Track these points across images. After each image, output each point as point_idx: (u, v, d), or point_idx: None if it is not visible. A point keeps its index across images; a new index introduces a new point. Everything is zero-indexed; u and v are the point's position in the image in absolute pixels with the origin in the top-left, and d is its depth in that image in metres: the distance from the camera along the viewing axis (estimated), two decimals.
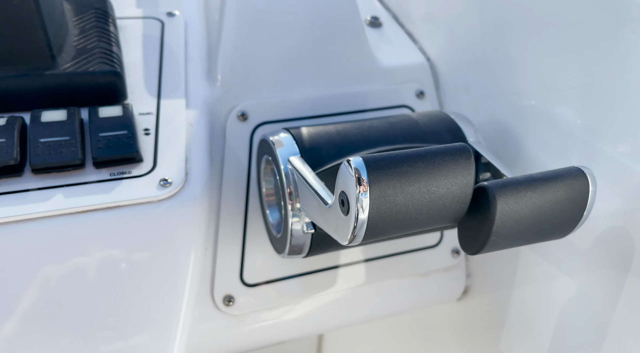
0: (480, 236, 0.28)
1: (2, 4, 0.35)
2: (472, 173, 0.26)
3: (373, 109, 0.49)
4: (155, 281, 0.34)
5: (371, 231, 0.26)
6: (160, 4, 0.52)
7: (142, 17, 0.50)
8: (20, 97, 0.37)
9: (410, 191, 0.25)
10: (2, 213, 0.32)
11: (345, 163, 0.26)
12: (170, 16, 0.51)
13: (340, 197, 0.27)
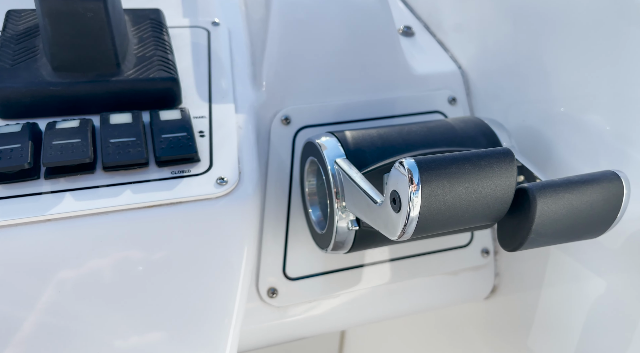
0: (519, 234, 0.30)
1: (77, 17, 0.38)
2: (515, 175, 0.29)
3: (407, 114, 0.51)
4: (212, 272, 0.37)
5: (420, 227, 0.29)
6: (205, 14, 0.56)
7: (189, 26, 0.54)
8: (89, 101, 0.41)
9: (458, 191, 0.28)
10: (78, 207, 0.35)
11: (398, 164, 0.28)
12: (215, 25, 0.54)
13: (392, 195, 0.29)
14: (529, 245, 0.31)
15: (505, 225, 0.31)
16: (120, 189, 0.37)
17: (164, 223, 0.37)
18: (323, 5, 0.50)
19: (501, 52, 0.49)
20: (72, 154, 0.36)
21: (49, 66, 0.40)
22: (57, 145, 0.36)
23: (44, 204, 0.35)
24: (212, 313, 0.37)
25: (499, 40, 0.49)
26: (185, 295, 0.37)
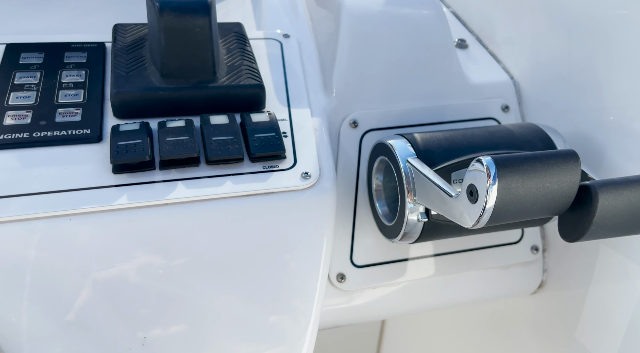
0: (581, 226, 0.34)
1: (187, 32, 0.44)
2: (579, 173, 0.33)
3: (463, 120, 0.56)
4: (298, 253, 0.43)
5: (494, 217, 0.33)
6: (277, 27, 0.62)
7: (264, 38, 0.60)
8: (190, 104, 0.47)
9: (529, 186, 0.32)
10: (187, 194, 0.41)
11: (476, 161, 0.33)
12: (286, 37, 0.60)
13: (469, 189, 0.34)
14: (588, 236, 0.35)
15: (566, 218, 0.36)
16: (222, 180, 0.43)
17: (258, 210, 0.42)
18: (387, 20, 0.56)
19: (554, 63, 0.53)
20: (182, 149, 0.42)
21: (157, 74, 0.47)
22: (170, 141, 0.42)
23: (159, 191, 0.41)
24: (298, 289, 0.42)
25: (553, 53, 0.53)
26: (275, 271, 0.42)
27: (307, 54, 0.59)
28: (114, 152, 0.41)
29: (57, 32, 0.54)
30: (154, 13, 0.44)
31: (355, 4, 0.55)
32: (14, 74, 0.48)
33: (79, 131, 0.44)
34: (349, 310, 0.51)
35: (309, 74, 0.56)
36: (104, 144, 0.43)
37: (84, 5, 0.59)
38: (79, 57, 0.51)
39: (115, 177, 0.41)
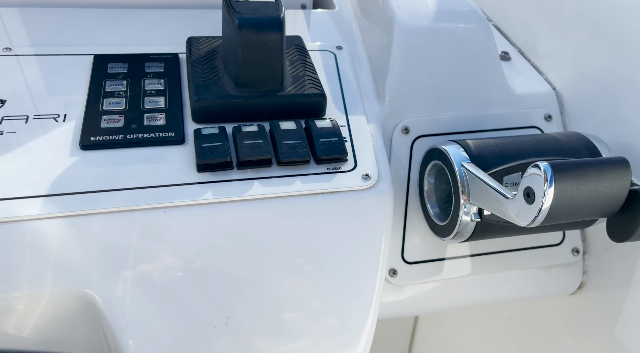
0: (629, 228, 0.38)
1: (262, 45, 0.49)
2: (629, 179, 0.36)
3: (508, 128, 0.59)
4: (360, 250, 0.47)
5: (549, 217, 0.37)
6: (330, 40, 0.66)
7: (318, 50, 0.64)
8: (261, 111, 0.52)
9: (583, 189, 0.36)
10: (262, 191, 0.46)
11: (533, 166, 0.37)
12: (339, 49, 0.65)
13: (525, 191, 0.38)
14: (636, 237, 0.38)
15: (615, 220, 0.39)
16: (291, 179, 0.47)
17: (324, 207, 0.47)
18: (436, 35, 0.60)
19: (597, 75, 0.56)
20: (258, 151, 0.47)
21: (232, 83, 0.52)
22: (246, 144, 0.47)
23: (238, 188, 0.46)
24: (360, 281, 0.46)
25: (596, 65, 0.56)
26: (339, 264, 0.46)
27: (359, 65, 0.63)
28: (199, 153, 0.46)
29: (134, 44, 0.60)
30: (233, 29, 0.49)
31: (406, 20, 0.59)
32: (105, 83, 0.53)
33: (165, 134, 0.49)
34: (399, 303, 0.55)
35: (362, 84, 0.60)
36: (187, 145, 0.48)
37: (153, 19, 0.65)
38: (157, 67, 0.57)
39: (200, 175, 0.46)
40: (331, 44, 0.65)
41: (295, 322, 0.45)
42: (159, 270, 0.42)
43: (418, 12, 0.61)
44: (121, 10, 0.65)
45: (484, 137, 0.52)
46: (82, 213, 0.41)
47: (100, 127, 0.48)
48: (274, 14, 0.49)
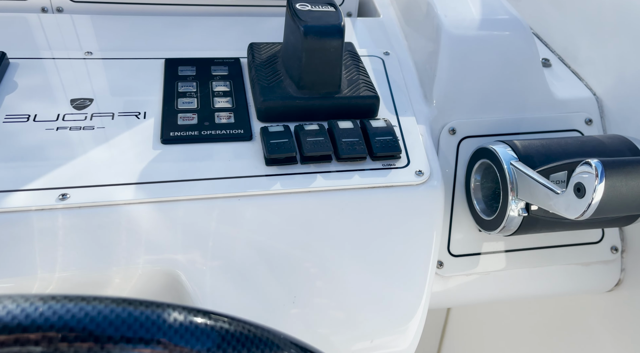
0: None
1: (325, 51, 0.53)
2: None
3: (549, 131, 0.62)
4: (413, 241, 0.51)
5: (598, 211, 0.40)
6: (377, 46, 0.70)
7: (367, 55, 0.68)
8: (320, 111, 0.56)
9: (631, 185, 0.39)
10: (325, 184, 0.50)
11: (584, 164, 0.40)
12: (386, 55, 0.69)
13: (576, 186, 0.41)
14: None
15: None
16: (350, 174, 0.51)
17: (380, 200, 0.51)
18: (481, 42, 0.63)
19: (638, 81, 0.59)
20: (320, 147, 0.51)
21: (294, 85, 0.56)
22: (310, 141, 0.52)
23: (302, 181, 0.50)
24: (413, 270, 0.50)
25: (637, 72, 0.59)
26: (394, 253, 0.50)
27: (406, 70, 0.67)
28: (268, 148, 0.50)
29: (199, 49, 0.65)
30: (298, 35, 0.54)
31: (453, 29, 0.63)
32: (177, 84, 0.58)
33: (234, 131, 0.54)
34: (444, 293, 0.59)
35: (410, 87, 0.64)
36: (254, 142, 0.53)
37: (213, 26, 0.70)
38: (222, 70, 0.62)
39: (268, 168, 0.51)
40: (379, 50, 0.69)
41: (353, 304, 0.49)
42: (234, 251, 0.47)
43: (464, 21, 0.64)
44: (185, 18, 0.70)
45: (530, 138, 0.55)
46: (169, 200, 0.46)
47: (177, 124, 0.53)
48: (336, 22, 0.53)
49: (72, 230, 0.44)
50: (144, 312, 0.24)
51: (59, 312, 0.23)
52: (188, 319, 0.25)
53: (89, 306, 0.23)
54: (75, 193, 0.45)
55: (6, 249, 0.42)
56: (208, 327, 0.25)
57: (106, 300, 0.25)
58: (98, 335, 0.23)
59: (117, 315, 0.23)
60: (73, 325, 0.23)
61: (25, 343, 0.22)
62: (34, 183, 0.45)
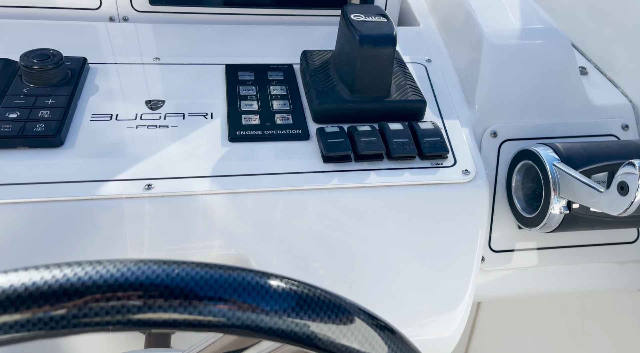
0: None
1: (378, 59, 0.58)
2: None
3: (587, 135, 0.65)
4: (460, 235, 0.55)
5: None
6: (419, 53, 0.74)
7: (410, 62, 0.73)
8: (371, 113, 0.60)
9: None
10: (377, 180, 0.54)
11: (628, 165, 0.43)
12: (428, 62, 0.73)
13: (619, 185, 0.44)
14: None
15: None
16: (401, 172, 0.56)
17: (429, 196, 0.55)
18: (521, 50, 0.67)
19: None
20: (373, 147, 0.56)
21: (346, 90, 0.61)
22: (364, 141, 0.56)
23: (357, 177, 0.55)
24: (460, 262, 0.54)
25: None
26: (442, 245, 0.54)
27: (447, 76, 0.71)
28: (326, 147, 0.55)
29: (255, 56, 0.70)
30: (353, 43, 0.58)
31: (494, 39, 0.67)
32: (238, 88, 0.64)
33: (293, 131, 0.59)
34: (484, 286, 0.62)
35: (452, 93, 0.68)
36: (311, 141, 0.58)
37: (265, 34, 0.75)
38: (278, 75, 0.67)
39: (325, 165, 0.55)
40: (421, 57, 0.74)
41: (405, 291, 0.53)
42: (297, 239, 0.51)
43: (504, 31, 0.68)
44: (240, 26, 0.76)
45: (572, 141, 0.58)
46: (239, 191, 0.51)
47: (242, 124, 0.58)
48: (389, 31, 0.58)
49: (156, 216, 0.49)
50: (222, 274, 0.28)
51: (156, 272, 0.27)
52: (264, 280, 0.29)
53: (180, 269, 0.28)
54: (159, 184, 0.50)
55: (101, 231, 0.48)
56: (287, 289, 0.29)
57: (202, 264, 0.29)
58: (187, 293, 0.27)
59: (203, 276, 0.28)
60: (168, 283, 0.27)
61: (131, 298, 0.26)
62: (123, 174, 0.50)
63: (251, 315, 0.28)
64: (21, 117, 0.53)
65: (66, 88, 0.58)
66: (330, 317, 0.30)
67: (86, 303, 0.26)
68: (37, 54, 0.58)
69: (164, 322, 0.27)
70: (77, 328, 0.26)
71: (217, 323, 0.28)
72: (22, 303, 0.25)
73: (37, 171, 0.49)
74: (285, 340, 0.29)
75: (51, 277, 0.26)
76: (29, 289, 0.26)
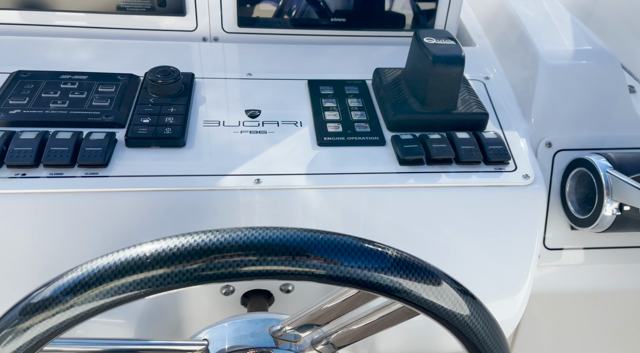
0: None
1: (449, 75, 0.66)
2: None
3: (635, 147, 0.72)
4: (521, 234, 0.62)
5: None
6: (478, 71, 0.83)
7: (470, 79, 0.81)
8: (440, 124, 0.69)
9: None
10: (448, 182, 0.63)
11: None
12: (486, 79, 0.81)
13: None
14: None
15: None
16: (468, 174, 0.64)
17: (494, 197, 0.63)
18: (574, 70, 0.74)
19: None
20: (444, 152, 0.64)
21: (417, 102, 0.69)
22: (435, 147, 0.65)
23: (430, 178, 0.63)
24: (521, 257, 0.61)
25: None
26: (505, 242, 0.62)
27: (504, 91, 0.79)
28: (402, 151, 0.64)
29: (331, 72, 0.80)
30: (426, 63, 0.67)
31: (549, 59, 0.74)
32: (321, 100, 0.74)
33: (371, 137, 0.68)
34: (538, 281, 0.69)
35: (509, 107, 0.76)
36: (387, 147, 0.67)
37: (337, 53, 0.85)
38: (353, 90, 0.77)
39: (401, 167, 0.64)
40: (480, 75, 0.82)
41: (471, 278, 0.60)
42: (379, 229, 0.60)
43: (558, 52, 0.76)
44: (316, 46, 0.86)
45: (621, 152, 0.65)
46: (330, 187, 0.60)
47: (327, 131, 0.68)
48: (458, 53, 0.66)
49: (264, 205, 0.59)
50: (323, 237, 0.37)
51: (269, 234, 0.36)
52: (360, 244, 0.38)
53: (289, 233, 0.37)
54: (265, 179, 0.60)
55: (221, 215, 0.58)
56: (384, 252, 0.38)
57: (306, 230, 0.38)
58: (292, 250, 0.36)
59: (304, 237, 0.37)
60: (277, 243, 0.36)
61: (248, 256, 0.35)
62: (236, 171, 0.60)
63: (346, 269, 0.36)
64: (152, 123, 0.64)
65: (183, 99, 0.69)
66: (420, 278, 0.38)
67: (215, 258, 0.35)
68: (160, 71, 0.70)
69: (280, 272, 0.36)
70: (209, 278, 0.35)
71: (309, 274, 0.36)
72: (175, 259, 0.35)
73: (168, 166, 0.60)
74: (383, 292, 0.37)
75: (193, 241, 0.36)
76: (180, 249, 0.35)
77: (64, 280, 0.36)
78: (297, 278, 0.36)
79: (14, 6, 0.80)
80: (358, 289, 0.39)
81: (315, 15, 0.87)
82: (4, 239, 0.56)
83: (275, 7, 0.86)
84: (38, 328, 0.36)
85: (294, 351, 0.50)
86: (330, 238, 0.38)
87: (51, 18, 0.82)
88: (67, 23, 0.82)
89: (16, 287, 0.57)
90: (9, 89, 0.67)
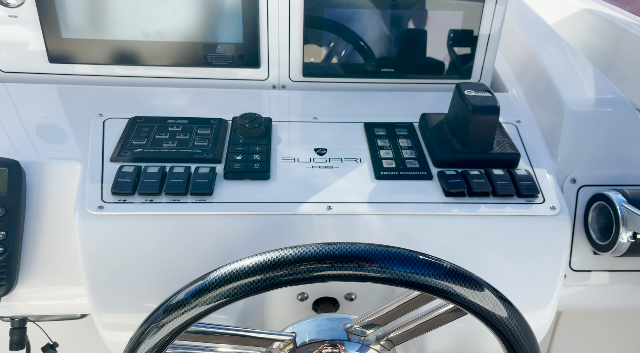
0: None
1: (485, 123, 0.80)
2: None
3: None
4: (548, 258, 0.73)
5: None
6: (511, 115, 0.95)
7: (504, 122, 0.94)
8: (478, 162, 0.82)
9: None
10: (484, 211, 0.75)
11: None
12: (518, 122, 0.94)
13: None
14: None
15: None
16: (504, 205, 0.76)
17: (525, 225, 0.75)
18: (596, 116, 0.86)
19: None
20: (483, 186, 0.77)
21: (459, 143, 0.83)
22: (475, 181, 0.78)
23: (471, 207, 0.76)
24: (547, 279, 0.73)
25: None
26: (534, 265, 0.73)
27: (534, 134, 0.91)
28: (447, 185, 0.77)
29: (381, 116, 0.95)
30: (467, 112, 0.81)
31: (574, 107, 0.87)
32: (376, 140, 0.88)
33: (420, 173, 0.81)
34: (564, 298, 0.80)
35: (538, 147, 0.88)
36: (434, 181, 0.80)
37: (385, 98, 1.00)
38: (403, 131, 0.91)
39: (446, 198, 0.77)
40: (512, 119, 0.95)
41: (505, 293, 0.72)
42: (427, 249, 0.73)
43: (582, 100, 0.88)
44: (369, 93, 1.01)
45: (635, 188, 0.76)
46: (388, 213, 0.74)
47: (383, 167, 0.82)
48: (494, 103, 0.80)
49: (335, 227, 0.73)
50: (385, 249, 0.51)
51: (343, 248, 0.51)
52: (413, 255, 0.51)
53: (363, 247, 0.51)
54: (335, 206, 0.74)
55: (299, 235, 0.72)
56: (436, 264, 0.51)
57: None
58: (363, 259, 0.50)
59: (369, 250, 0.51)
60: (347, 255, 0.50)
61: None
62: (311, 198, 0.75)
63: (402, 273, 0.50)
64: (244, 159, 0.80)
65: (265, 139, 0.85)
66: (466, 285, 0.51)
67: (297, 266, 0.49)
68: (247, 117, 0.86)
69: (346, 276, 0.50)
70: (291, 282, 0.49)
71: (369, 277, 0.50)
72: (266, 269, 0.49)
73: (258, 194, 0.76)
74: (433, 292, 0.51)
75: (282, 255, 0.50)
76: (277, 260, 0.50)
77: (193, 286, 0.51)
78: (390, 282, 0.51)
79: (124, 63, 0.99)
80: (420, 292, 0.52)
81: (367, 66, 1.03)
82: (137, 249, 0.73)
83: (334, 59, 1.03)
84: (178, 321, 0.51)
85: (361, 344, 0.63)
86: (404, 252, 0.52)
87: (153, 71, 1.01)
88: (167, 74, 1.01)
89: (145, 287, 0.73)
90: (130, 132, 0.85)
